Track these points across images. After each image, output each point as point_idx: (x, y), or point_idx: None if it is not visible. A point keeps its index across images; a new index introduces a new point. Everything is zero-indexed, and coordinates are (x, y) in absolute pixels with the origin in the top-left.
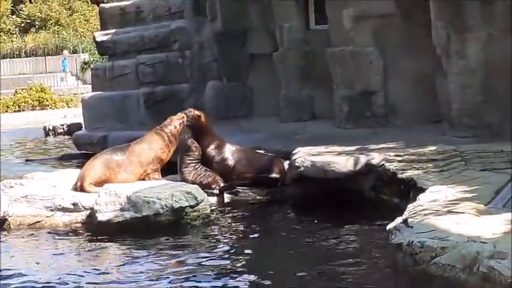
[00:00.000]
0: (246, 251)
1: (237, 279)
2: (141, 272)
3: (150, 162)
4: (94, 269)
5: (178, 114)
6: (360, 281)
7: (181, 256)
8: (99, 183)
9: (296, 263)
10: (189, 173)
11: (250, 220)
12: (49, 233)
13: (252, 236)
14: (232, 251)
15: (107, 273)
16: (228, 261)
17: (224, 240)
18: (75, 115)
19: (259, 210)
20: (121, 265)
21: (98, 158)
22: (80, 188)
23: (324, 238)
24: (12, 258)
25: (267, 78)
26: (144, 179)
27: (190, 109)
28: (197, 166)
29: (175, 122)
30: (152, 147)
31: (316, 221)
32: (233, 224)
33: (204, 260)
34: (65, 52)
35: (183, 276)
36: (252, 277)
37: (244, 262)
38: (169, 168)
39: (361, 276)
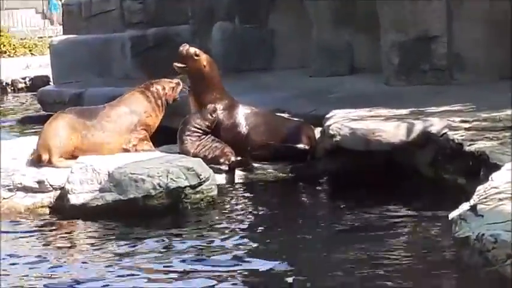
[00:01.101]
0: (261, 247)
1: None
2: (123, 276)
3: (133, 130)
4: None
5: (174, 79)
6: (414, 286)
7: (177, 255)
8: (68, 154)
9: (329, 266)
10: (191, 143)
11: (269, 205)
12: (6, 220)
13: (270, 226)
14: (243, 247)
15: (81, 283)
16: (236, 263)
17: (234, 232)
18: (40, 65)
19: (281, 192)
20: (102, 264)
21: (58, 118)
22: (46, 160)
23: (365, 230)
24: None
25: (292, 19)
26: (128, 151)
27: (185, 44)
28: (204, 136)
29: (165, 84)
30: (134, 109)
31: (355, 208)
32: (246, 211)
33: (206, 261)
34: None
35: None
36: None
37: (257, 262)
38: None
39: (415, 281)
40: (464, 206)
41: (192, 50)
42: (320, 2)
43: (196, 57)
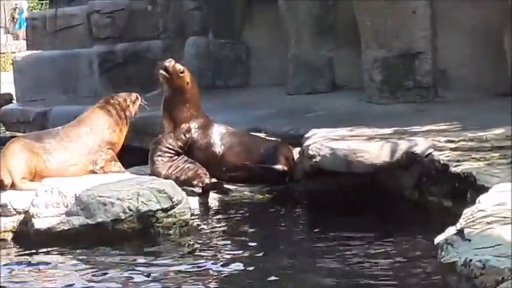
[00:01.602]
0: (238, 274)
1: None
2: None
3: (98, 151)
4: None
5: (132, 94)
6: None
7: (148, 284)
8: (30, 177)
9: None
10: (163, 164)
11: (245, 229)
12: None
13: (247, 252)
14: (218, 274)
15: None
16: None
17: (208, 258)
18: (3, 83)
19: (258, 216)
20: None
21: (14, 142)
22: (10, 184)
23: (346, 256)
24: None
25: (269, 34)
26: (94, 173)
27: (171, 59)
28: (175, 158)
29: (126, 96)
30: (96, 128)
31: (335, 232)
32: (220, 236)
33: None
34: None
35: None
36: None
37: None
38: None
39: None
40: (451, 230)
41: (178, 66)
42: (298, 16)
43: (181, 74)
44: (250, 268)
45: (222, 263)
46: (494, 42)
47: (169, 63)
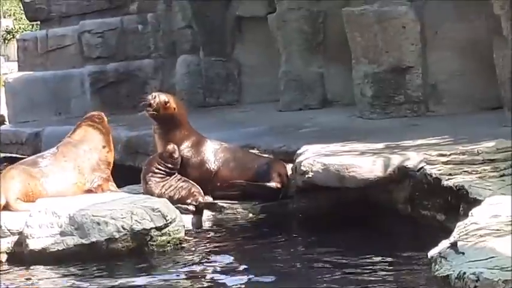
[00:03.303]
0: None
1: None
2: None
3: (96, 169)
4: None
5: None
6: None
7: None
8: (26, 199)
9: None
10: (156, 183)
11: (240, 247)
12: None
13: (240, 269)
14: None
15: None
16: None
17: (203, 276)
18: None
19: (252, 234)
20: None
21: (13, 168)
22: (3, 205)
23: (339, 271)
24: None
25: (260, 51)
26: (92, 192)
27: (154, 94)
28: (167, 177)
29: (98, 113)
30: (93, 146)
31: (330, 248)
32: (215, 253)
33: None
34: None
35: None
36: None
37: None
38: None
39: None
40: (444, 243)
41: (162, 98)
42: (288, 33)
43: (166, 105)
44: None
45: (216, 280)
46: (483, 56)
47: (153, 99)
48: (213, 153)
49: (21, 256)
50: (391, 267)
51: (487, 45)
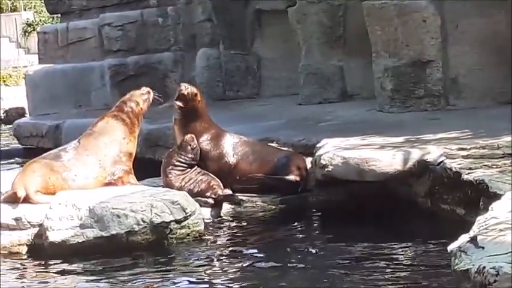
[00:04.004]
0: (251, 286)
1: None
2: None
3: (117, 161)
4: None
5: (143, 88)
6: None
7: None
8: (46, 192)
9: None
10: (176, 176)
11: (259, 240)
12: None
13: (262, 263)
14: (233, 285)
15: None
16: None
17: (223, 270)
18: (15, 97)
19: (271, 226)
20: None
21: (35, 161)
22: (23, 197)
23: (359, 264)
24: None
25: (280, 44)
26: (113, 184)
27: (185, 85)
28: (189, 169)
29: (138, 98)
30: (114, 138)
31: (349, 241)
32: (234, 246)
33: None
34: None
35: None
36: None
37: None
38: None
39: None
40: (464, 238)
41: (192, 90)
42: (308, 26)
43: (195, 97)
44: (264, 280)
45: (235, 273)
46: (503, 50)
47: (185, 89)
48: (232, 147)
49: (41, 248)
50: (410, 261)
51: (507, 39)
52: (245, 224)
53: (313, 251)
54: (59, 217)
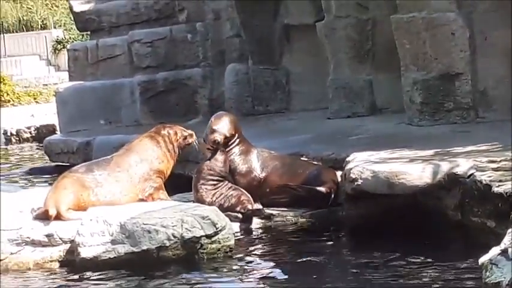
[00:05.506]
0: None
1: None
2: None
3: (147, 179)
4: None
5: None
6: None
7: None
8: (78, 209)
9: None
10: (207, 191)
11: (290, 255)
12: (15, 277)
13: (292, 277)
14: None
15: None
16: None
17: (253, 285)
18: (46, 114)
19: (301, 240)
20: None
21: (66, 177)
22: (54, 215)
23: (389, 278)
24: None
25: (308, 58)
26: (143, 201)
27: (215, 135)
28: (219, 184)
29: (179, 130)
30: (145, 157)
31: (380, 256)
32: (265, 261)
33: None
34: None
35: None
36: None
37: None
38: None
39: None
40: (495, 250)
41: (222, 136)
42: (336, 41)
43: (228, 138)
44: None
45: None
46: None
47: (220, 137)
48: (261, 161)
49: (73, 264)
50: (441, 274)
51: None
52: (275, 238)
53: (344, 266)
54: (91, 233)
